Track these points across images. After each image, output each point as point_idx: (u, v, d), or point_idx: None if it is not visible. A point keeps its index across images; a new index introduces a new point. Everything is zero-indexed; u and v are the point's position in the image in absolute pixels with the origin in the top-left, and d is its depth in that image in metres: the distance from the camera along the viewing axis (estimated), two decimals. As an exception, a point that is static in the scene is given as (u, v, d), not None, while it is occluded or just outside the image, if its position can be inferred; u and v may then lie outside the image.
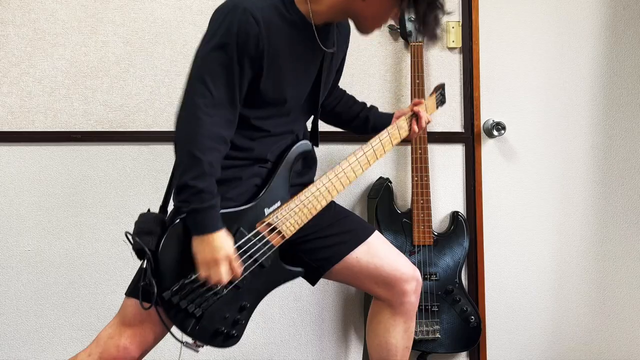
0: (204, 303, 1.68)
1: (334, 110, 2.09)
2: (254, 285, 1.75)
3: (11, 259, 2.49)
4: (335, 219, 1.90)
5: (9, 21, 2.47)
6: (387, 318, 1.92)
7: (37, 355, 2.51)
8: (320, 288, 2.54)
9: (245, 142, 1.74)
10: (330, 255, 1.85)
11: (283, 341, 2.58)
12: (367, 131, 2.08)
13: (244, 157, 1.75)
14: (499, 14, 2.62)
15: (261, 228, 1.74)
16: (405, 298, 1.88)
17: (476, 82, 2.59)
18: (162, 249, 1.63)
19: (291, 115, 1.80)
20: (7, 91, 2.47)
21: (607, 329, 2.69)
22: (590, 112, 2.67)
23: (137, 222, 1.67)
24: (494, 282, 2.63)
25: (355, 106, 2.09)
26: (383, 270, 1.87)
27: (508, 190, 2.64)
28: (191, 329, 1.69)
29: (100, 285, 2.50)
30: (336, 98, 2.08)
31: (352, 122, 2.09)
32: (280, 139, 1.80)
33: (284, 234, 1.76)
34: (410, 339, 1.95)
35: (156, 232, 1.64)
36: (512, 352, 2.65)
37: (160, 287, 1.62)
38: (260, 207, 1.74)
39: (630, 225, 2.69)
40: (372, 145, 1.90)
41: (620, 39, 2.67)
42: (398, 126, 1.96)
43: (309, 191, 1.80)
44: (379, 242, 1.90)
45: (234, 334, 1.76)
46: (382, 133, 1.92)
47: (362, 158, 1.88)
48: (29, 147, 2.49)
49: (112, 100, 2.49)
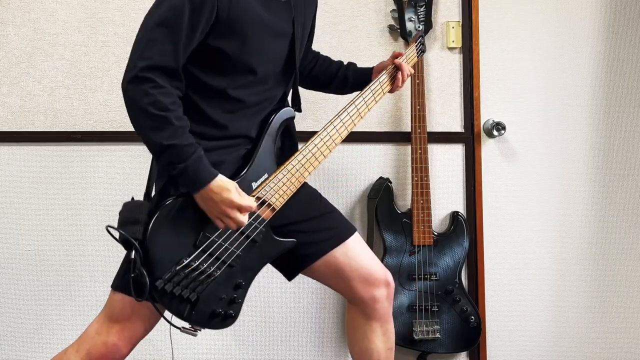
0: (199, 287, 1.65)
1: (311, 73, 2.05)
2: (248, 262, 1.73)
3: (11, 259, 2.49)
4: (321, 212, 1.87)
5: (9, 21, 2.47)
6: (363, 324, 1.89)
7: (37, 355, 2.50)
8: (321, 288, 2.54)
9: (224, 116, 1.71)
10: (312, 252, 1.83)
11: (283, 341, 2.58)
12: (348, 90, 2.05)
13: (225, 136, 1.72)
14: (499, 14, 2.62)
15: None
16: (377, 304, 1.86)
17: (476, 82, 2.59)
18: (150, 236, 1.60)
19: (270, 82, 1.77)
20: (7, 91, 2.47)
21: (607, 329, 2.69)
22: (590, 112, 2.67)
23: (121, 211, 1.65)
24: (494, 282, 2.63)
25: (332, 66, 2.05)
26: (357, 273, 1.84)
27: (508, 190, 2.64)
28: (187, 314, 1.65)
29: (100, 286, 2.50)
30: (311, 61, 2.05)
31: (332, 83, 2.05)
32: (259, 109, 1.77)
33: (273, 206, 1.74)
34: (390, 339, 1.92)
35: (142, 221, 1.61)
36: (512, 352, 2.65)
37: (151, 276, 1.59)
38: (247, 182, 1.72)
39: (630, 225, 2.69)
40: (356, 104, 1.87)
41: (620, 39, 2.67)
42: (380, 82, 1.92)
43: (295, 159, 1.77)
44: (357, 244, 1.88)
45: (231, 313, 1.72)
46: (364, 91, 1.89)
47: (346, 118, 1.85)
48: (29, 147, 2.49)
49: (112, 100, 2.49)
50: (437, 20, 2.58)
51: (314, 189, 1.93)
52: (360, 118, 1.89)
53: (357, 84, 2.02)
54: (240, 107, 1.74)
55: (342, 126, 1.85)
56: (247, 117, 1.75)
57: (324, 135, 1.82)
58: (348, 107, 1.86)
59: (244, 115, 1.75)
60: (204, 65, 1.69)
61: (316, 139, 1.81)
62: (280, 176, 1.76)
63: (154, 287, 1.59)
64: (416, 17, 2.46)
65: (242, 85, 1.72)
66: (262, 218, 1.73)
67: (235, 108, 1.73)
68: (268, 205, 1.74)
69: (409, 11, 2.47)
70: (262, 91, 1.77)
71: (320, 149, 1.81)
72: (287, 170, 1.77)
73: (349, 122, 1.86)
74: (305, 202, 1.85)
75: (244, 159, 1.76)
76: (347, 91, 2.08)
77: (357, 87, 2.00)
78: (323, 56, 2.08)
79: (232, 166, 1.74)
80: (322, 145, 1.82)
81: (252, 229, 1.72)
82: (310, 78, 2.07)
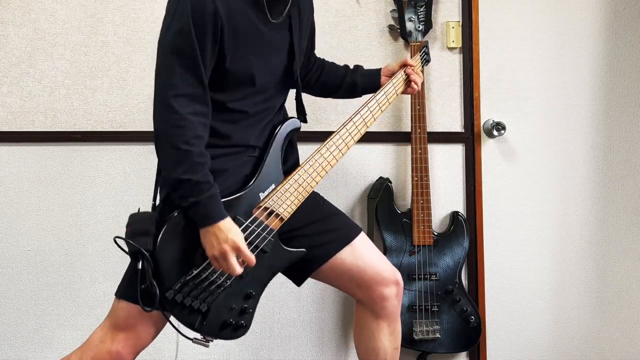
0: (209, 297, 1.65)
1: (318, 81, 2.05)
2: (258, 272, 1.73)
3: (11, 259, 2.49)
4: (324, 215, 1.88)
5: (9, 21, 2.47)
6: (371, 323, 1.90)
7: (37, 355, 2.50)
8: (321, 288, 2.54)
9: (226, 127, 1.71)
10: (318, 255, 1.83)
11: (283, 341, 2.58)
12: (357, 94, 2.05)
13: (227, 145, 1.72)
14: (499, 14, 2.62)
15: (258, 213, 1.72)
16: (386, 302, 1.86)
17: (476, 82, 2.59)
18: (160, 247, 1.61)
19: (268, 92, 1.77)
20: (7, 91, 2.47)
21: (607, 329, 2.69)
22: (590, 112, 2.67)
23: (129, 223, 1.65)
24: (494, 282, 2.63)
25: (338, 72, 2.05)
26: (365, 273, 1.84)
27: (508, 190, 2.64)
28: (198, 324, 1.66)
29: (100, 286, 2.50)
30: (318, 69, 2.05)
31: (340, 89, 2.05)
32: (259, 119, 1.77)
33: (282, 216, 1.74)
34: (397, 339, 1.92)
35: (151, 232, 1.61)
36: (512, 352, 2.65)
37: (162, 287, 1.60)
38: (255, 192, 1.73)
39: (630, 225, 2.69)
40: (361, 114, 1.87)
41: (620, 39, 2.67)
42: (386, 92, 1.93)
43: (302, 169, 1.78)
44: (363, 243, 1.88)
45: (242, 323, 1.73)
46: (369, 100, 1.89)
47: (352, 128, 1.86)
48: (29, 147, 2.49)
49: (112, 100, 2.49)
50: (437, 20, 2.58)
51: (317, 192, 1.93)
52: (366, 127, 1.89)
53: (366, 88, 2.02)
54: (242, 118, 1.74)
55: (348, 136, 1.85)
56: (249, 126, 1.76)
57: (330, 145, 1.82)
58: (354, 116, 1.87)
59: (245, 124, 1.75)
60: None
61: (322, 149, 1.81)
62: (287, 186, 1.76)
63: (164, 298, 1.60)
64: (416, 17, 2.46)
65: (243, 97, 1.73)
66: (270, 228, 1.73)
67: (237, 118, 1.74)
68: (276, 215, 1.74)
69: (409, 11, 2.47)
70: (263, 101, 1.77)
71: (327, 158, 1.82)
72: (294, 180, 1.77)
73: (355, 131, 1.86)
74: (308, 206, 1.84)
75: (249, 168, 1.76)
76: (357, 95, 2.07)
77: (367, 91, 2.01)
78: (329, 63, 2.08)
79: (236, 174, 1.74)
80: (328, 155, 1.82)
81: (261, 239, 1.72)
82: (319, 86, 2.07)
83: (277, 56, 1.77)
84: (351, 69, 2.05)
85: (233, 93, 1.71)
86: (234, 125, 1.73)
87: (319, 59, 2.07)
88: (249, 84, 1.71)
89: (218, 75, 1.67)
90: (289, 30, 1.78)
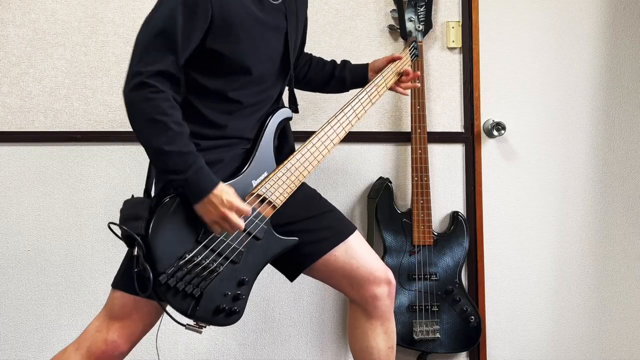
0: (202, 282, 1.66)
1: (306, 76, 2.07)
2: (251, 259, 1.74)
3: (11, 259, 2.49)
4: (320, 211, 1.89)
5: (9, 21, 2.47)
6: (364, 323, 1.90)
7: (37, 355, 2.50)
8: (321, 288, 2.54)
9: (222, 117, 1.73)
10: (312, 251, 1.84)
11: (283, 341, 2.58)
12: (346, 89, 2.09)
13: (223, 136, 1.74)
14: (499, 14, 2.62)
15: (250, 200, 1.73)
16: (378, 302, 1.87)
17: (476, 82, 2.59)
18: (152, 232, 1.61)
19: (266, 83, 1.79)
20: (7, 91, 2.47)
21: (607, 329, 2.69)
22: (590, 112, 2.67)
23: (122, 209, 1.67)
24: (494, 282, 2.63)
25: (326, 67, 2.07)
26: (358, 272, 1.85)
27: (508, 190, 2.64)
28: (192, 310, 1.66)
29: (100, 286, 2.49)
30: (305, 64, 2.07)
31: (328, 85, 2.08)
32: (256, 109, 1.79)
33: (274, 203, 1.75)
34: (391, 338, 1.92)
35: (144, 216, 1.62)
36: (512, 352, 2.65)
37: (154, 271, 1.60)
38: (247, 180, 1.74)
39: (630, 225, 2.69)
40: (352, 105, 1.90)
41: (620, 39, 2.67)
42: (376, 83, 1.96)
43: (294, 158, 1.80)
44: (357, 242, 1.88)
45: (235, 309, 1.73)
46: (360, 93, 1.92)
47: (343, 118, 1.88)
48: (29, 147, 2.49)
49: (112, 100, 2.49)
50: (437, 20, 2.58)
51: (313, 188, 1.94)
52: (357, 119, 1.91)
53: (354, 83, 2.06)
54: (238, 108, 1.75)
55: (339, 126, 1.87)
56: (245, 117, 1.77)
57: (322, 135, 1.84)
58: (344, 108, 1.89)
59: (241, 115, 1.76)
60: (201, 67, 1.70)
61: (314, 139, 1.83)
62: (279, 174, 1.77)
63: (157, 282, 1.60)
64: (416, 17, 2.46)
65: (239, 87, 1.74)
66: (262, 215, 1.74)
67: (233, 109, 1.75)
68: (269, 202, 1.75)
69: (409, 11, 2.47)
70: (259, 92, 1.78)
71: (319, 148, 1.84)
72: (286, 169, 1.78)
73: (345, 121, 1.89)
74: (303, 201, 1.86)
75: (242, 159, 1.77)
76: (345, 90, 2.11)
77: (355, 86, 2.04)
78: (316, 58, 2.10)
79: (230, 165, 1.75)
80: (320, 145, 1.84)
81: (254, 226, 1.73)
82: (306, 81, 2.09)
83: (272, 42, 1.78)
84: (339, 64, 2.08)
85: (230, 82, 1.72)
86: (230, 115, 1.75)
87: (306, 53, 2.09)
88: (245, 71, 1.72)
89: (215, 62, 1.69)
90: (284, 17, 1.79)
